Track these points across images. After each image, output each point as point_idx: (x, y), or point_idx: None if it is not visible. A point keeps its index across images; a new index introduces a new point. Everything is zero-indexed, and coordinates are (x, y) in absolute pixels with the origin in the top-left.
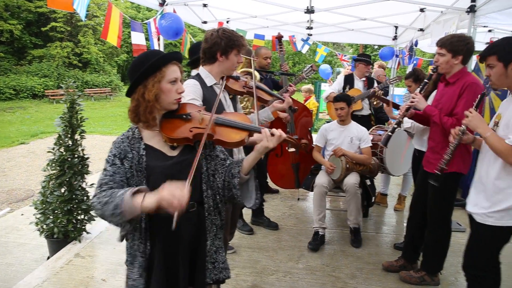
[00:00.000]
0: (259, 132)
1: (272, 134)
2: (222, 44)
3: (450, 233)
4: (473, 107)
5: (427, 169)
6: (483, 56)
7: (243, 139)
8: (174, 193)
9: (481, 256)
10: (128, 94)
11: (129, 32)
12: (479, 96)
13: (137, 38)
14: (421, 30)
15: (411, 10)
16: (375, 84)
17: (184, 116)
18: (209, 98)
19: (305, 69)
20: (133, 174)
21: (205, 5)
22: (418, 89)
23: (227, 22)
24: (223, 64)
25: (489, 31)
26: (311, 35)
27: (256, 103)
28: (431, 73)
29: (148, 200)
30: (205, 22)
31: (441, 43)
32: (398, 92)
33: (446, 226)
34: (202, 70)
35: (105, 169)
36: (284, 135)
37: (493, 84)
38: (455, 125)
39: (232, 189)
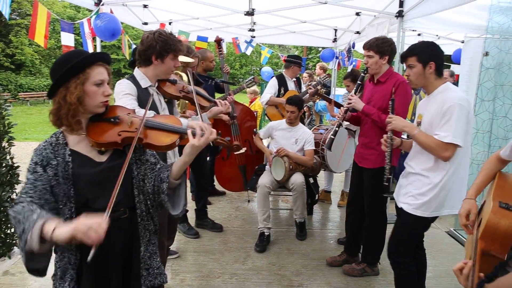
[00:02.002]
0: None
1: (202, 135)
2: (157, 47)
3: (386, 225)
4: (390, 112)
5: (363, 165)
6: (404, 57)
7: (174, 142)
8: (91, 224)
9: (405, 244)
10: (49, 95)
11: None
12: (390, 102)
13: (67, 39)
14: (358, 32)
15: (348, 13)
16: (302, 83)
17: (112, 120)
18: (143, 99)
19: (247, 80)
20: (59, 181)
21: (145, 6)
22: (353, 91)
23: (170, 23)
24: (158, 67)
25: (418, 35)
26: (254, 37)
27: (199, 109)
28: (363, 74)
29: (61, 230)
30: (145, 24)
31: (369, 46)
32: (340, 92)
33: (382, 218)
34: (137, 72)
35: (26, 178)
36: (214, 135)
37: (411, 83)
38: None
39: (160, 194)
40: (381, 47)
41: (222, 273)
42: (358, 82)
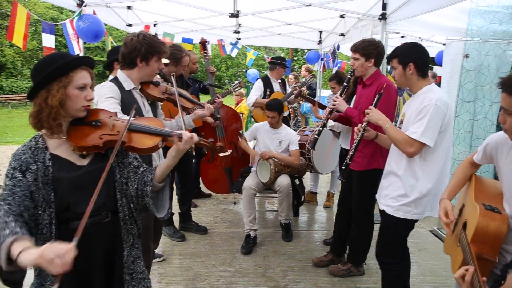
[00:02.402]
0: (171, 136)
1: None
2: (143, 50)
3: (373, 226)
4: (373, 105)
5: (351, 167)
6: (389, 59)
7: (157, 145)
8: (57, 252)
9: (391, 245)
10: (30, 97)
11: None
12: (377, 95)
13: (48, 40)
14: (342, 35)
15: (333, 16)
16: (287, 85)
17: (93, 123)
18: (127, 102)
19: (234, 84)
20: (39, 187)
21: (129, 7)
22: (339, 93)
23: (154, 25)
24: (142, 70)
25: (402, 37)
26: (239, 39)
27: (181, 110)
28: (349, 76)
29: (26, 256)
30: (130, 25)
31: (355, 48)
32: (325, 94)
33: (369, 219)
34: (120, 74)
35: (5, 184)
36: (196, 138)
37: (397, 83)
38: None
39: (144, 198)
40: (367, 49)
41: (208, 276)
42: (345, 84)
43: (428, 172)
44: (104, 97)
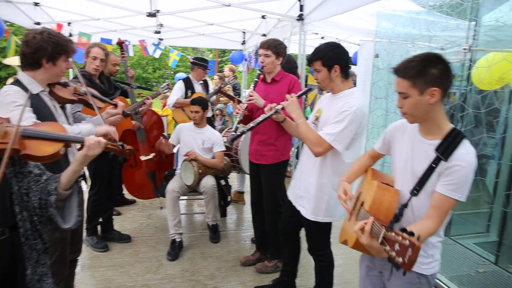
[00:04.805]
0: (76, 141)
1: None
2: (49, 49)
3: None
4: (296, 95)
5: (261, 161)
6: (310, 61)
7: (58, 151)
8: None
9: (318, 240)
10: None
11: None
12: (305, 89)
13: None
14: (264, 35)
15: (255, 16)
16: (210, 86)
17: None
18: (38, 107)
19: (162, 85)
20: None
21: (36, 4)
22: (252, 87)
23: (69, 24)
24: (49, 71)
25: (322, 38)
26: (162, 39)
27: (97, 110)
28: (259, 72)
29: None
30: (38, 23)
31: (267, 46)
32: None
33: (279, 210)
34: (23, 76)
35: None
36: (104, 141)
37: (320, 86)
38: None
39: (49, 208)
40: (278, 48)
41: (133, 285)
42: (255, 79)
43: (338, 174)
44: (13, 105)
